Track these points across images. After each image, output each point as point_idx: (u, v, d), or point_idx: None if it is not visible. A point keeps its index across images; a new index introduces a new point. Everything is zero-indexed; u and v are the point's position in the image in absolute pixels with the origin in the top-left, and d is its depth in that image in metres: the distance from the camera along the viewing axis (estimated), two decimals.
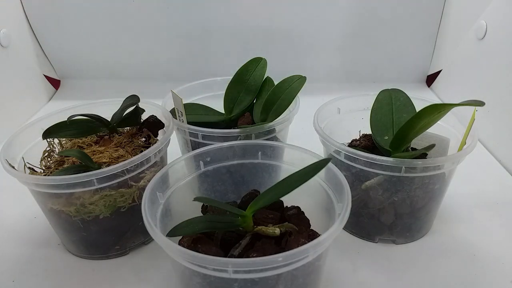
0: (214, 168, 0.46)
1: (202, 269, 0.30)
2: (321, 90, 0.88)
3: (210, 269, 0.30)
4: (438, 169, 0.43)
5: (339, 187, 0.38)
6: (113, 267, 0.46)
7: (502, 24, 0.70)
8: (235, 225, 0.37)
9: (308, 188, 0.41)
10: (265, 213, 0.40)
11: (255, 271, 0.30)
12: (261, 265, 0.29)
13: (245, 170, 0.46)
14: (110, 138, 0.50)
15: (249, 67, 0.58)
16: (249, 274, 0.30)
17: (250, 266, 0.29)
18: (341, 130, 0.56)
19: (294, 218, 0.41)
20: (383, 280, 0.44)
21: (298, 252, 0.30)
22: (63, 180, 0.39)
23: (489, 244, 0.49)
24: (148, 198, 0.37)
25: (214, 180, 0.47)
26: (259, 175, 0.47)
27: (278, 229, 0.37)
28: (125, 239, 0.47)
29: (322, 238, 0.31)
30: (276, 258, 0.29)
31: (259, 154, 0.46)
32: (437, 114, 0.40)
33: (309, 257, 0.31)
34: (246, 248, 0.36)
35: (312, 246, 0.30)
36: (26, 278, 0.45)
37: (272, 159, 0.46)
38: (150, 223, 0.34)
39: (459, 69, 0.85)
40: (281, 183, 0.36)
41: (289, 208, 0.43)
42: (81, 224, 0.44)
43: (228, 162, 0.46)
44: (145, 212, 0.35)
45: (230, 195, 0.48)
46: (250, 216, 0.37)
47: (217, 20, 0.92)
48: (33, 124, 0.50)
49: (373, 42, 0.96)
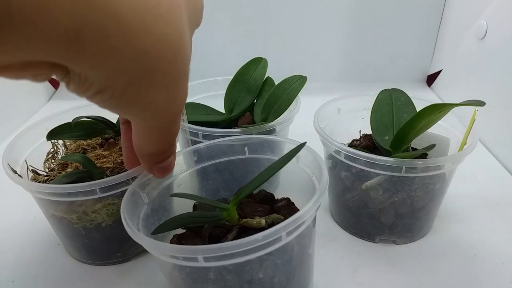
0: (202, 167, 0.45)
1: (173, 260, 0.30)
2: (321, 90, 0.88)
3: (181, 259, 0.29)
4: (438, 169, 0.43)
5: (318, 168, 0.37)
6: (114, 274, 0.46)
7: (503, 24, 0.70)
8: (219, 219, 0.36)
9: (298, 179, 0.41)
10: (254, 207, 0.40)
11: (226, 256, 0.28)
12: (231, 249, 0.28)
13: (233, 166, 0.46)
14: (115, 141, 0.50)
15: (250, 67, 0.58)
16: (221, 261, 0.29)
17: (219, 251, 0.28)
18: (341, 130, 0.56)
19: (284, 209, 0.40)
20: (384, 281, 0.44)
21: (271, 232, 0.28)
22: (64, 188, 0.39)
23: (489, 244, 0.49)
24: (130, 196, 0.36)
25: (203, 179, 0.47)
26: (248, 170, 0.46)
27: (263, 221, 0.36)
28: (127, 246, 0.47)
29: (295, 216, 0.29)
30: (247, 240, 0.28)
31: (246, 149, 0.45)
32: (437, 114, 0.40)
33: (283, 238, 0.30)
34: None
35: (283, 227, 0.29)
36: (25, 278, 0.45)
37: (258, 153, 0.45)
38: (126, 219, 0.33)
39: (460, 69, 0.85)
40: (261, 173, 0.37)
41: (279, 200, 0.42)
42: (83, 231, 0.43)
43: (216, 160, 0.46)
44: (123, 209, 0.34)
45: (222, 192, 0.48)
46: (234, 209, 0.37)
47: (217, 20, 0.92)
48: (37, 124, 0.50)
49: (374, 42, 0.96)
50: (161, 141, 0.30)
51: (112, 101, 0.24)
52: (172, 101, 0.26)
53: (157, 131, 0.29)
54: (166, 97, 0.25)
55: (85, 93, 0.23)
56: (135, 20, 0.21)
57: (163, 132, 0.29)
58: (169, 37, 0.23)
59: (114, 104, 0.24)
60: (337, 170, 0.49)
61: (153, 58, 0.22)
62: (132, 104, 0.25)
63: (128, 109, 0.26)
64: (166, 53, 0.23)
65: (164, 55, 0.23)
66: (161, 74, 0.24)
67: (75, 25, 0.19)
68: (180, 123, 0.30)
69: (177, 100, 0.27)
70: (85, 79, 0.22)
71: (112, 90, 0.23)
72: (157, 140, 0.30)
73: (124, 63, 0.21)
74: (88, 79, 0.22)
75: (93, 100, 0.24)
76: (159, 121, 0.28)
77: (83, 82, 0.22)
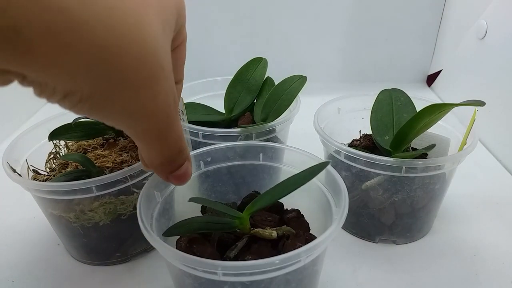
0: (214, 168, 0.45)
1: (192, 271, 0.30)
2: (321, 90, 0.88)
3: (200, 271, 0.30)
4: (438, 169, 0.43)
5: (338, 191, 0.37)
6: (114, 274, 0.46)
7: (503, 24, 0.70)
8: (231, 226, 0.36)
9: (309, 191, 0.41)
10: (263, 215, 0.40)
11: (244, 274, 0.29)
12: (250, 269, 0.29)
13: (245, 171, 0.46)
14: (116, 141, 0.50)
15: (250, 67, 0.58)
16: (239, 277, 0.30)
17: (239, 269, 0.29)
18: (341, 130, 0.56)
19: (293, 221, 0.40)
20: (384, 281, 0.44)
21: (290, 256, 0.29)
22: (61, 186, 0.39)
23: (489, 244, 0.49)
24: (145, 197, 0.36)
25: (214, 181, 0.47)
26: (260, 176, 0.47)
27: (275, 232, 0.36)
28: (126, 246, 0.46)
29: (315, 242, 0.30)
30: (266, 262, 0.28)
31: (260, 156, 0.45)
32: (437, 114, 0.40)
33: (302, 261, 0.31)
34: (243, 250, 0.36)
35: (304, 251, 0.30)
36: (25, 278, 0.45)
37: (273, 160, 0.46)
38: (143, 222, 0.33)
39: (460, 69, 0.85)
40: (278, 186, 0.36)
41: (288, 211, 0.42)
42: (81, 230, 0.43)
43: (229, 162, 0.46)
44: (139, 211, 0.34)
45: (231, 195, 0.48)
46: (247, 218, 0.37)
47: (217, 19, 0.92)
48: (39, 125, 0.50)
49: (374, 42, 0.96)
50: (163, 148, 0.28)
51: (83, 104, 0.22)
52: (152, 102, 0.23)
53: (153, 138, 0.26)
54: (144, 98, 0.23)
55: (53, 98, 0.21)
56: (86, 12, 0.19)
57: (161, 138, 0.27)
58: (131, 31, 0.20)
59: (87, 107, 0.22)
60: (337, 170, 0.48)
61: (116, 54, 0.20)
62: (106, 107, 0.22)
63: (104, 113, 0.23)
64: (130, 48, 0.21)
65: (128, 51, 0.21)
66: (130, 72, 0.21)
67: (13, 23, 0.17)
68: (180, 126, 0.28)
69: (159, 100, 0.24)
70: (46, 83, 0.20)
71: (80, 93, 0.21)
72: (158, 148, 0.27)
73: (83, 61, 0.19)
74: (49, 83, 0.20)
75: (64, 105, 0.22)
76: (146, 125, 0.25)
77: (45, 87, 0.20)
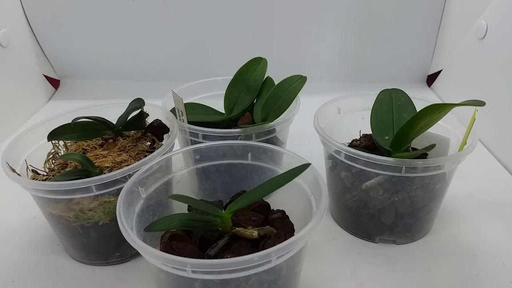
0: (203, 166, 0.45)
1: (163, 266, 0.31)
2: (321, 90, 0.88)
3: (170, 267, 0.30)
4: (438, 169, 0.43)
5: (318, 192, 0.37)
6: (113, 274, 0.46)
7: (503, 24, 0.70)
8: (213, 225, 0.37)
9: (296, 193, 0.41)
10: (248, 215, 0.40)
11: (213, 272, 0.29)
12: (219, 267, 0.29)
13: (234, 170, 0.46)
14: (115, 141, 0.50)
15: (250, 67, 0.58)
16: (208, 275, 0.30)
17: (207, 267, 0.29)
18: (341, 130, 0.56)
19: (278, 222, 0.40)
20: (384, 281, 0.44)
21: (261, 255, 0.29)
22: (60, 186, 0.39)
23: (489, 244, 0.49)
24: (127, 192, 0.36)
25: (202, 178, 0.47)
26: (249, 176, 0.47)
27: (256, 232, 0.36)
28: (126, 246, 0.46)
29: (285, 244, 0.30)
30: (235, 261, 0.28)
31: (249, 156, 0.45)
32: (437, 114, 0.40)
33: (273, 262, 0.30)
34: (223, 248, 0.36)
35: (274, 251, 0.29)
36: (25, 278, 0.45)
37: (261, 161, 0.45)
38: (121, 217, 0.33)
39: (460, 69, 0.85)
40: (260, 186, 0.37)
41: (274, 211, 0.42)
42: (81, 230, 0.43)
43: (218, 161, 0.46)
44: (119, 205, 0.34)
45: (219, 194, 0.48)
46: (229, 217, 0.37)
47: (217, 19, 0.92)
48: (38, 125, 0.50)
49: (373, 42, 0.96)
50: None
51: None
52: None
53: None
54: None
55: None
56: None
57: None
58: None
59: None
60: (337, 170, 0.49)
61: None
62: None
63: None
64: None
65: None
66: None
67: None
68: None
69: None
70: None
71: None
72: None
73: None
74: None
75: None
76: None
77: None
